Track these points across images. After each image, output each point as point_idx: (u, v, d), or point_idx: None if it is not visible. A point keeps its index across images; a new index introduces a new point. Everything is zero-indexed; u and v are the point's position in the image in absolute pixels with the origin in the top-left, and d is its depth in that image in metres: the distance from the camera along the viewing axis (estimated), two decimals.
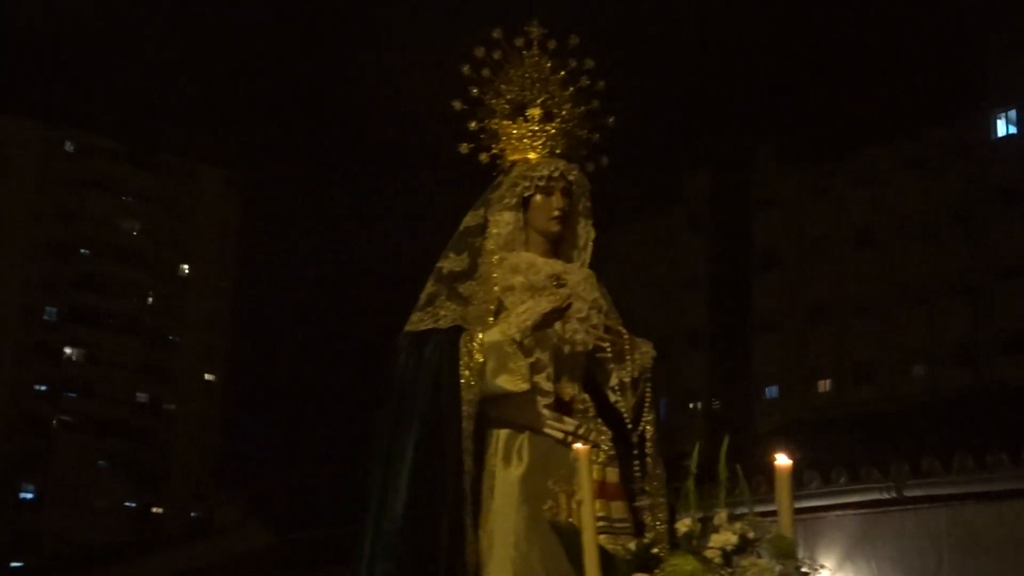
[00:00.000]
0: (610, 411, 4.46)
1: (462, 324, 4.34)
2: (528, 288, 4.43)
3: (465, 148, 4.59)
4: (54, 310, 73.78)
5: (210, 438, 76.06)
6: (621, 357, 4.42)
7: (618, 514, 4.25)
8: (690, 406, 60.43)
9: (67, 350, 74.12)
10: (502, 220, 4.54)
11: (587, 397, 4.47)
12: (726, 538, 3.39)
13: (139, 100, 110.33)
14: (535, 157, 4.58)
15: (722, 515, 3.42)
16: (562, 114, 4.61)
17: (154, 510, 73.12)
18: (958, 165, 54.86)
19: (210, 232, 77.85)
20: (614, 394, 4.45)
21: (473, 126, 4.58)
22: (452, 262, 4.49)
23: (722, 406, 60.35)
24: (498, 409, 4.31)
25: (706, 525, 3.47)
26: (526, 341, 4.28)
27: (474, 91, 4.57)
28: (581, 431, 4.35)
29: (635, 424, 4.38)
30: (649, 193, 62.00)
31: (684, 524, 3.50)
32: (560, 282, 4.46)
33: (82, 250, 74.45)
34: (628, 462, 4.31)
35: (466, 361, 4.24)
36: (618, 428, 4.41)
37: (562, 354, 4.43)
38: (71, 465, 70.55)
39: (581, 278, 4.53)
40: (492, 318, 4.37)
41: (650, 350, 4.51)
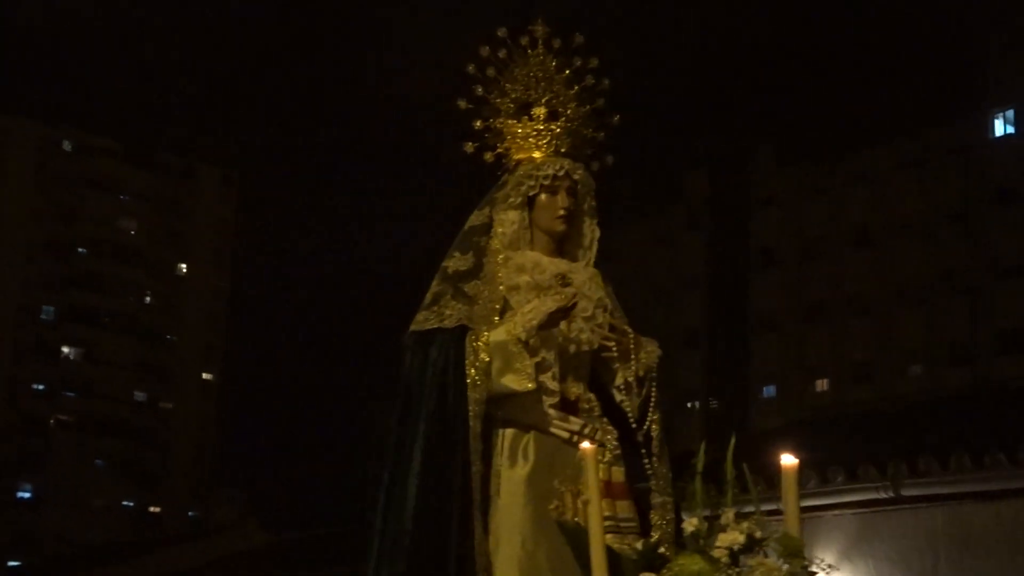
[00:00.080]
0: (616, 410, 4.46)
1: (468, 323, 4.32)
2: (534, 287, 4.42)
3: (470, 147, 4.57)
4: (52, 309, 73.74)
5: (208, 437, 76.05)
6: (627, 356, 4.41)
7: (624, 513, 4.25)
8: (688, 405, 60.44)
9: (65, 349, 74.08)
10: (507, 219, 4.52)
11: (593, 396, 4.46)
12: (733, 537, 3.37)
13: (137, 99, 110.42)
14: (540, 156, 4.56)
15: (729, 514, 3.41)
16: (567, 113, 4.59)
17: (152, 509, 73.12)
18: (957, 165, 54.88)
19: (208, 231, 77.85)
20: (620, 393, 4.44)
21: (478, 125, 4.56)
22: (457, 261, 4.47)
23: (720, 405, 60.38)
24: (503, 409, 4.30)
25: (713, 524, 3.46)
26: (532, 340, 4.26)
27: (479, 90, 4.55)
28: (587, 430, 4.34)
29: (640, 423, 4.39)
30: (648, 193, 62.09)
31: (691, 523, 3.49)
32: (566, 281, 4.44)
33: (80, 249, 74.39)
34: (634, 461, 4.31)
35: (472, 360, 4.22)
36: (624, 427, 4.41)
37: (568, 353, 4.41)
38: (69, 464, 70.53)
39: (586, 277, 4.52)
40: (498, 317, 4.35)
41: (655, 349, 4.51)
